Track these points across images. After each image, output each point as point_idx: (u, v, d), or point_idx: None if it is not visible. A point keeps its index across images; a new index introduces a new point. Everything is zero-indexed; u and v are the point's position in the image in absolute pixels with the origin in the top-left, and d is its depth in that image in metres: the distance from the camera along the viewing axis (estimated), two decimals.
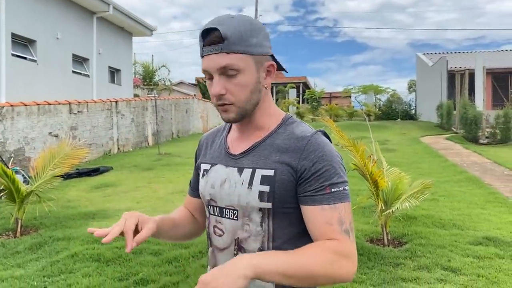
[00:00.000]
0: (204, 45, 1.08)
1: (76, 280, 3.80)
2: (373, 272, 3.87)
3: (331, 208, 1.05)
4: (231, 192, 1.13)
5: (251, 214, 1.10)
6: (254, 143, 1.14)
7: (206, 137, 1.34)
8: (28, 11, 11.35)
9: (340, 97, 34.03)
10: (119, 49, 16.38)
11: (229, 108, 1.10)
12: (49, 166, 5.35)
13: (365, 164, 4.39)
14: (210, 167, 1.22)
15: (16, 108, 8.97)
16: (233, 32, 1.04)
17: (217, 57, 1.06)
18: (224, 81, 1.08)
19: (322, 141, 1.10)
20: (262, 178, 1.08)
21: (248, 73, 1.08)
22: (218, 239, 1.17)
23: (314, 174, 1.06)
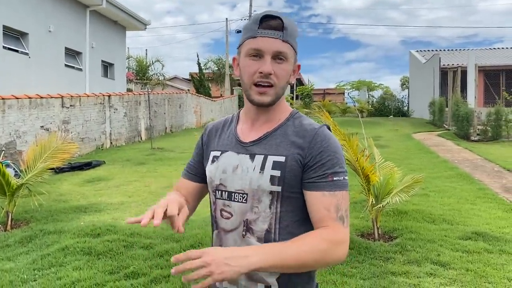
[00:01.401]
0: (263, 28, 1.20)
1: (66, 273, 3.79)
2: (363, 266, 3.89)
3: (330, 195, 1.15)
4: (243, 176, 1.22)
5: (261, 196, 1.20)
6: (266, 133, 1.25)
7: (213, 125, 1.42)
8: (20, 3, 11.24)
9: (333, 93, 34.09)
10: (113, 43, 16.28)
11: (268, 90, 1.21)
12: (39, 160, 5.32)
13: (357, 159, 4.41)
14: (221, 153, 1.30)
15: (8, 101, 8.90)
16: (290, 26, 1.21)
17: (275, 41, 1.19)
18: (274, 64, 1.20)
19: (328, 134, 1.22)
20: (274, 163, 1.19)
21: (290, 64, 1.23)
22: (226, 221, 1.25)
23: (319, 162, 1.17)
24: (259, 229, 1.20)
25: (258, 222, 1.20)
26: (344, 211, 1.16)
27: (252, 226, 1.21)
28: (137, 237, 4.66)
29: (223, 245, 1.25)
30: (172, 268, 0.98)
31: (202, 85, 25.69)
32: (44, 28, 12.28)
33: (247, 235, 1.21)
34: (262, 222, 1.20)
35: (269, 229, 1.19)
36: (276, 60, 1.20)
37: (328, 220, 1.14)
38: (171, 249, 4.28)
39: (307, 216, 1.20)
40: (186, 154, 10.93)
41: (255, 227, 1.20)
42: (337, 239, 1.12)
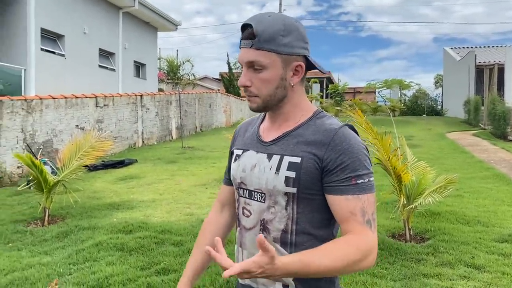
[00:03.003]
0: (241, 38, 1.18)
1: (100, 268, 3.90)
2: (394, 267, 3.83)
3: (354, 199, 1.10)
4: (260, 175, 1.21)
5: (277, 197, 1.17)
6: (284, 132, 1.21)
7: (241, 126, 1.42)
8: (56, 6, 11.62)
9: (364, 92, 33.61)
10: (144, 43, 16.60)
11: (253, 99, 1.19)
12: (75, 157, 5.49)
13: (389, 158, 4.34)
14: (242, 152, 1.30)
15: (45, 101, 9.22)
16: (265, 31, 1.13)
17: (247, 51, 1.15)
18: (251, 75, 1.17)
19: (349, 134, 1.15)
20: (289, 164, 1.15)
21: (273, 70, 1.15)
22: (246, 219, 1.25)
23: (340, 166, 1.11)
24: (275, 229, 1.18)
25: (274, 222, 1.19)
26: (370, 215, 1.11)
27: (268, 226, 1.20)
28: (168, 234, 4.74)
29: (243, 242, 1.27)
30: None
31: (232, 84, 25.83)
32: (79, 30, 12.65)
33: (263, 234, 1.19)
34: (278, 222, 1.18)
35: (285, 229, 1.18)
36: (255, 69, 1.16)
37: (355, 224, 1.10)
38: None
39: (326, 217, 1.17)
40: (216, 153, 11.03)
41: (271, 227, 1.19)
42: (368, 247, 1.08)
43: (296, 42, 1.16)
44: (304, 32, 1.19)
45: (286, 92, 1.19)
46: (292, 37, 1.15)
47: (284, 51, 1.14)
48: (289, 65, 1.16)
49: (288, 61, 1.16)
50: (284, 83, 1.17)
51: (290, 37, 1.15)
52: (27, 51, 10.60)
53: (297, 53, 1.17)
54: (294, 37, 1.15)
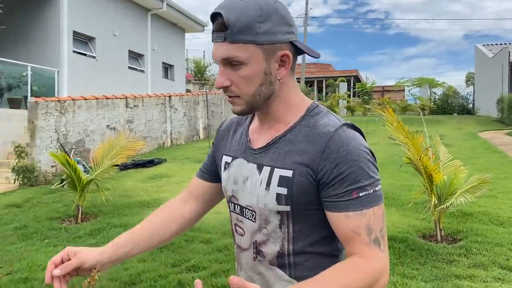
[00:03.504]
0: (213, 31, 0.98)
1: (132, 265, 3.99)
2: (425, 268, 3.77)
3: (357, 215, 0.92)
4: (252, 191, 1.04)
5: (269, 216, 1.01)
6: (274, 138, 1.03)
7: (228, 124, 1.23)
8: (88, 9, 11.93)
9: (392, 90, 33.07)
10: (172, 45, 16.84)
11: (236, 100, 1.01)
12: (107, 157, 5.64)
13: (420, 158, 4.28)
14: (232, 160, 1.12)
15: (77, 102, 9.49)
16: (237, 19, 0.92)
17: (220, 46, 0.96)
18: (229, 72, 0.98)
19: (347, 137, 0.95)
20: (280, 179, 0.98)
21: (254, 64, 0.96)
22: (240, 238, 1.11)
23: (338, 177, 0.93)
24: (270, 251, 1.03)
25: (268, 244, 1.03)
26: (378, 232, 0.93)
27: (262, 249, 1.04)
28: (197, 232, 4.81)
29: (240, 263, 1.13)
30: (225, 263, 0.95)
31: None
32: (110, 33, 12.94)
33: (258, 257, 1.06)
34: (273, 244, 1.02)
35: (281, 251, 1.02)
36: (232, 65, 0.97)
37: (360, 245, 0.93)
38: (229, 244, 4.37)
39: (329, 233, 1.00)
40: None
41: (265, 250, 1.04)
42: (377, 271, 0.92)
43: (277, 27, 0.95)
44: (286, 13, 0.98)
45: (273, 88, 1.00)
46: (272, 22, 0.94)
47: (264, 40, 0.94)
48: (272, 56, 0.97)
49: (271, 52, 0.96)
50: (269, 78, 0.98)
51: (270, 23, 0.94)
52: (60, 54, 10.94)
53: (281, 40, 0.96)
54: (275, 22, 0.95)
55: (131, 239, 1.15)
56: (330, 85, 31.77)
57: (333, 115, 1.03)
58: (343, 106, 25.48)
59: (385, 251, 0.94)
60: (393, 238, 4.41)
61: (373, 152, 0.99)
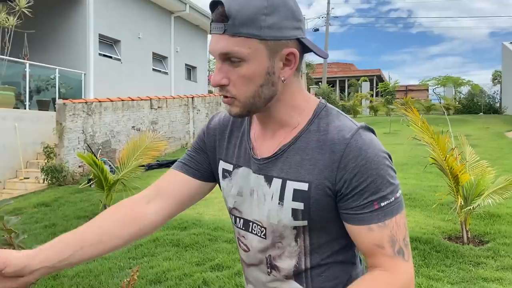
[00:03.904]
0: (212, 21, 0.87)
1: (157, 263, 4.07)
2: (451, 270, 3.73)
3: (379, 228, 0.86)
4: (260, 204, 0.95)
5: (284, 232, 0.94)
6: (282, 147, 0.93)
7: (218, 123, 1.09)
8: (113, 13, 12.18)
9: (416, 90, 32.58)
10: (195, 47, 17.02)
11: (232, 101, 0.90)
12: (132, 157, 5.76)
13: (445, 158, 4.23)
14: (233, 168, 1.02)
15: (104, 103, 9.71)
16: (241, 9, 0.82)
17: (220, 39, 0.85)
18: (227, 69, 0.87)
19: (364, 143, 0.87)
20: (295, 193, 0.90)
21: (256, 62, 0.85)
22: (245, 254, 1.02)
23: (357, 188, 0.86)
24: (286, 266, 0.95)
25: (283, 258, 0.95)
26: (402, 241, 0.87)
27: (276, 263, 0.96)
28: (220, 231, 4.87)
29: (247, 277, 1.06)
30: None
31: None
32: (134, 35, 13.18)
33: (273, 273, 0.97)
34: (289, 257, 0.95)
35: (298, 265, 0.95)
36: (231, 61, 0.86)
37: (384, 258, 0.87)
38: None
39: (346, 243, 0.95)
40: None
41: (280, 264, 0.96)
42: (403, 284, 0.87)
43: (285, 21, 0.84)
44: (295, 6, 0.87)
45: (275, 90, 0.89)
46: (279, 16, 0.83)
47: (269, 35, 0.83)
48: (277, 54, 0.86)
49: (276, 49, 0.85)
50: (271, 79, 0.87)
51: (277, 16, 0.83)
52: (87, 57, 11.20)
53: (287, 37, 0.85)
54: (282, 15, 0.84)
55: (75, 242, 0.94)
56: (353, 85, 31.52)
57: (344, 116, 0.95)
58: (366, 106, 25.25)
59: (409, 260, 0.89)
60: (418, 239, 4.37)
61: (390, 155, 0.92)
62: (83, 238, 0.95)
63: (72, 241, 0.94)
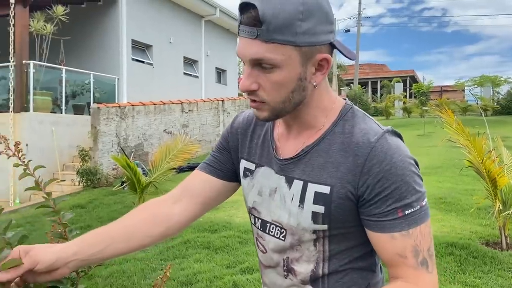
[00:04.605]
0: (241, 22, 0.83)
1: (188, 265, 4.11)
2: (489, 277, 3.59)
3: (403, 236, 0.83)
4: (281, 206, 0.94)
5: (303, 236, 0.92)
6: (305, 148, 0.92)
7: (241, 122, 1.09)
8: (145, 18, 12.44)
9: (451, 90, 31.70)
10: (225, 50, 17.15)
11: (261, 106, 0.88)
12: (165, 160, 5.85)
13: (482, 161, 4.09)
14: (255, 167, 1.01)
15: (136, 107, 9.91)
16: (276, 14, 0.78)
17: (251, 44, 0.82)
18: (257, 75, 0.84)
19: (390, 148, 0.84)
20: (316, 195, 0.88)
21: (289, 68, 0.82)
22: (262, 255, 1.01)
23: (381, 194, 0.83)
24: (303, 270, 0.94)
25: (301, 262, 0.94)
26: (426, 252, 0.84)
27: (294, 267, 0.95)
28: (251, 234, 4.86)
29: (263, 280, 1.04)
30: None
31: None
32: (166, 40, 13.41)
33: (289, 276, 0.96)
34: (307, 262, 0.93)
35: (315, 269, 0.93)
36: (261, 68, 0.83)
37: (406, 269, 0.84)
38: None
39: (367, 250, 0.93)
40: None
41: (298, 268, 0.94)
42: None
43: (319, 26, 0.81)
44: (329, 9, 0.84)
45: (305, 95, 0.88)
46: (315, 21, 0.80)
47: (304, 41, 0.80)
48: (310, 60, 0.84)
49: (310, 55, 0.83)
50: (303, 84, 0.86)
51: (312, 21, 0.80)
52: (120, 62, 11.47)
53: (321, 42, 0.83)
54: (317, 20, 0.81)
55: (105, 237, 0.96)
56: (385, 86, 30.99)
57: (370, 119, 0.92)
58: (399, 107, 24.76)
59: (433, 271, 0.85)
60: (454, 244, 4.23)
61: (417, 161, 0.88)
62: (113, 234, 0.97)
63: (103, 236, 0.96)
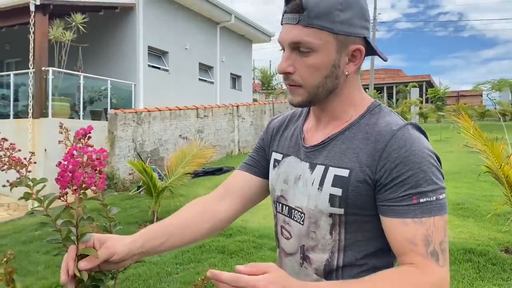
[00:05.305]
0: (285, 12, 0.92)
1: (203, 269, 4.13)
2: (508, 285, 3.53)
3: (415, 223, 0.84)
4: (304, 191, 0.97)
5: (319, 220, 0.94)
6: (331, 135, 0.97)
7: (276, 122, 1.18)
8: (161, 25, 12.59)
9: (469, 95, 31.28)
10: (240, 56, 17.24)
11: (296, 90, 0.94)
12: (180, 165, 5.90)
13: (500, 166, 4.03)
14: (282, 157, 1.07)
15: (152, 113, 10.02)
16: (318, 2, 0.87)
17: (292, 29, 0.90)
18: (295, 58, 0.92)
19: (411, 137, 0.88)
20: (335, 178, 0.91)
21: (325, 53, 0.90)
22: (286, 242, 1.03)
23: (397, 179, 0.85)
24: (318, 259, 0.95)
25: (316, 250, 0.95)
26: (438, 244, 0.83)
27: (309, 255, 0.96)
28: (266, 239, 4.87)
29: (283, 268, 1.00)
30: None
31: None
32: (181, 46, 13.54)
33: (304, 264, 0.98)
34: (322, 250, 0.94)
35: (330, 260, 0.93)
36: (300, 52, 0.90)
37: (416, 256, 0.83)
38: None
39: (384, 243, 0.91)
40: None
41: (312, 256, 0.96)
42: (431, 284, 0.81)
43: (356, 19, 0.90)
44: (366, 6, 0.93)
45: (337, 83, 0.94)
46: (352, 13, 0.89)
47: (341, 30, 0.88)
48: (345, 49, 0.91)
49: (345, 44, 0.90)
50: (336, 72, 0.92)
51: (350, 13, 0.89)
52: (137, 68, 11.62)
53: (356, 34, 0.91)
54: (354, 13, 0.89)
55: (164, 231, 1.02)
56: (401, 91, 30.73)
57: (396, 115, 0.96)
58: (415, 113, 24.52)
59: (444, 266, 0.83)
60: (472, 251, 4.17)
61: (439, 157, 0.90)
62: (170, 229, 1.03)
63: (162, 230, 1.02)
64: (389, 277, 0.83)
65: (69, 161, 0.81)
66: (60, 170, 0.81)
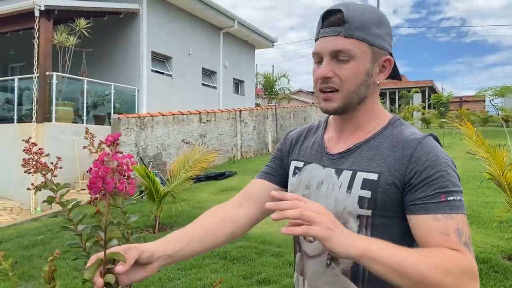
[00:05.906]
0: (322, 27, 1.03)
1: (205, 275, 4.13)
2: None
3: (446, 218, 0.90)
4: (328, 194, 1.04)
5: (347, 221, 0.99)
6: (356, 143, 1.05)
7: (294, 133, 1.25)
8: (165, 31, 12.65)
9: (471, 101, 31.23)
10: (243, 61, 17.29)
11: (332, 96, 1.02)
12: (182, 169, 5.91)
13: (503, 173, 4.03)
14: (304, 165, 1.13)
15: (155, 118, 10.05)
16: (356, 17, 0.99)
17: (333, 39, 1.00)
18: (334, 65, 1.01)
19: (435, 145, 0.98)
20: (364, 182, 0.99)
21: (362, 62, 1.00)
22: (309, 245, 1.07)
23: (426, 180, 0.93)
24: (346, 259, 0.98)
25: None
26: (468, 238, 0.90)
27: None
28: (268, 245, 4.86)
29: (305, 271, 1.09)
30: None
31: None
32: (185, 52, 13.59)
33: (331, 264, 1.02)
34: None
35: None
36: (338, 60, 1.00)
37: (449, 245, 0.88)
38: None
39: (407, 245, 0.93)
40: None
41: None
42: (468, 268, 0.86)
43: (386, 36, 1.03)
44: (391, 29, 1.07)
45: (367, 92, 1.04)
46: (384, 30, 1.03)
47: (375, 42, 1.01)
48: (377, 59, 1.03)
49: (378, 55, 1.02)
50: (369, 80, 1.02)
51: (382, 29, 1.02)
52: (140, 73, 11.67)
53: (386, 48, 1.04)
54: (386, 31, 1.03)
55: (185, 237, 1.06)
56: (403, 97, 30.71)
57: (414, 127, 1.06)
58: (417, 118, 24.49)
59: (474, 259, 0.89)
60: (475, 258, 4.15)
61: (455, 165, 0.99)
62: (191, 234, 1.07)
63: (183, 236, 1.06)
64: (436, 250, 0.88)
65: (99, 168, 0.83)
66: (92, 176, 0.83)
